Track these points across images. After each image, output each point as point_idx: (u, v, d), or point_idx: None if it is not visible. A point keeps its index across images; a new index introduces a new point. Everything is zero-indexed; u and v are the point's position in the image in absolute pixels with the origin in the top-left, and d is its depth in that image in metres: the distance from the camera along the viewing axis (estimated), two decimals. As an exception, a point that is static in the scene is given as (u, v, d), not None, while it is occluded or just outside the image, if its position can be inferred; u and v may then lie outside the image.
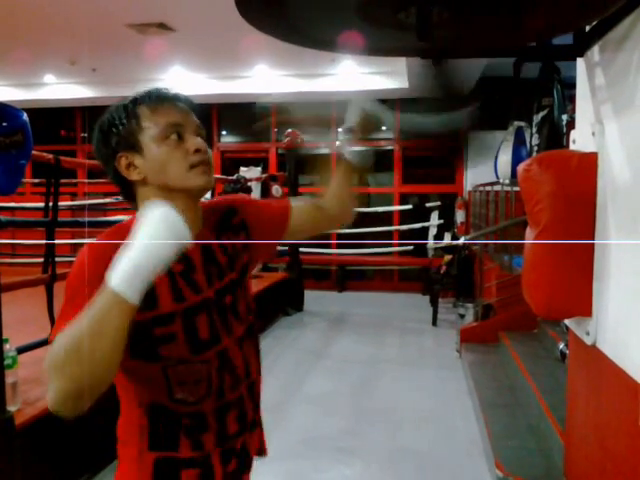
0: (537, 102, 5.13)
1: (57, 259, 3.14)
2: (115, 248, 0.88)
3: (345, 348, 5.54)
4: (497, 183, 6.38)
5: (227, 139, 10.10)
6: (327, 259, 8.98)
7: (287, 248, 7.38)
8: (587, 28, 2.02)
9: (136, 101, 1.11)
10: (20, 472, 2.31)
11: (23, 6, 5.44)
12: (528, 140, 5.70)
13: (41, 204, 3.25)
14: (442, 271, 7.16)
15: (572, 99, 2.60)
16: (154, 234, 0.85)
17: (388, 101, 9.04)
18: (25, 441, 2.38)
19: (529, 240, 2.07)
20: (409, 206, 9.06)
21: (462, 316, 6.78)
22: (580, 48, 2.12)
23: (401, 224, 9.07)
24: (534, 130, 5.17)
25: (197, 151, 1.09)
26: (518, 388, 3.91)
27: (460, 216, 8.47)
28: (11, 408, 2.35)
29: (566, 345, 3.45)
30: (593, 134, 2.01)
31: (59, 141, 10.01)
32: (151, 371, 1.06)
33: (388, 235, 9.15)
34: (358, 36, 1.30)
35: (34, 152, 2.68)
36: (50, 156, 3.00)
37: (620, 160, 1.82)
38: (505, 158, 5.91)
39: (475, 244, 6.48)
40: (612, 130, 1.90)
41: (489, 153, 6.77)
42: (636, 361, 1.62)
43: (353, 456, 3.28)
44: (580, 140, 2.21)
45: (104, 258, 0.91)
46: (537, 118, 5.09)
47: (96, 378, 0.84)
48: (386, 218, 9.15)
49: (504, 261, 5.79)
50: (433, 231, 8.60)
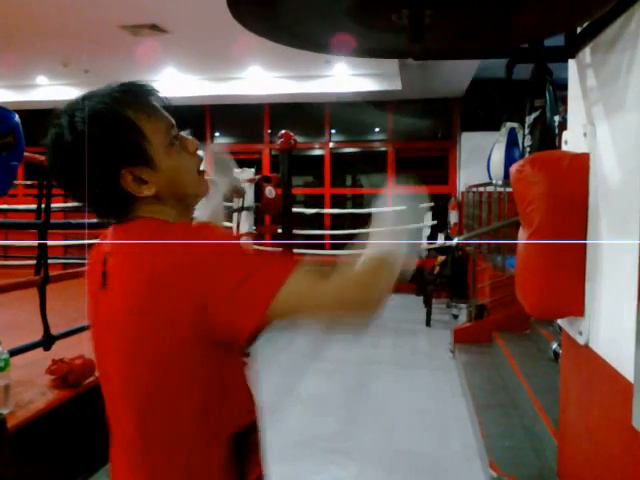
0: (529, 103, 5.15)
1: (50, 261, 3.12)
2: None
3: (339, 349, 5.54)
4: (490, 184, 6.40)
5: (220, 140, 10.10)
6: (321, 260, 8.98)
7: (281, 249, 7.38)
8: (578, 30, 2.03)
9: (120, 102, 0.94)
10: (13, 474, 2.30)
11: (15, 8, 5.42)
12: (520, 141, 5.72)
13: (34, 206, 3.23)
14: (436, 272, 7.18)
15: (564, 100, 2.62)
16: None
17: (381, 103, 9.06)
18: (17, 444, 2.36)
19: (522, 241, 2.08)
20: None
21: (456, 317, 6.80)
22: (572, 49, 2.13)
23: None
24: (526, 131, 5.19)
25: (195, 151, 1.01)
26: (512, 388, 3.92)
27: (453, 217, 8.49)
28: (3, 411, 2.34)
29: (559, 345, 3.46)
30: (585, 135, 2.01)
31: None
32: (241, 383, 1.08)
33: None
34: (350, 38, 1.31)
35: (26, 154, 2.66)
36: (42, 158, 2.98)
37: (611, 161, 1.83)
38: (498, 159, 5.93)
39: (468, 245, 6.49)
40: (603, 131, 1.91)
41: (482, 154, 6.78)
42: (628, 360, 1.62)
43: (347, 458, 3.28)
44: (572, 141, 2.22)
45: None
46: (529, 119, 5.11)
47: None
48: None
49: (497, 262, 5.81)
50: (426, 232, 8.61)
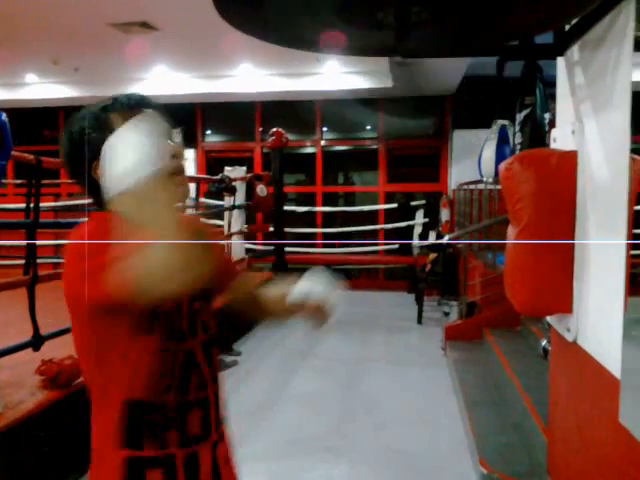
0: (520, 101, 5.16)
1: (39, 261, 3.11)
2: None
3: (331, 347, 5.54)
4: (481, 182, 6.41)
5: (211, 138, 10.06)
6: (313, 258, 8.98)
7: (272, 248, 7.38)
8: (567, 27, 2.04)
9: (106, 109, 1.10)
10: (3, 475, 2.29)
11: (4, 5, 5.38)
12: (511, 138, 5.74)
13: (23, 205, 3.21)
14: (427, 269, 7.19)
15: (555, 98, 2.62)
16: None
17: (372, 100, 9.07)
18: (7, 445, 2.35)
19: (510, 238, 2.09)
20: (394, 205, 9.09)
21: (447, 314, 6.82)
22: (560, 47, 2.14)
23: (386, 223, 9.10)
24: (517, 129, 5.21)
25: (173, 156, 1.05)
26: (502, 385, 3.94)
27: (445, 214, 8.50)
28: (-8, 411, 2.33)
29: (548, 342, 3.48)
30: (573, 132, 2.02)
31: (42, 141, 9.91)
32: (140, 356, 1.08)
33: (373, 234, 9.18)
34: (337, 36, 1.31)
35: (14, 153, 2.65)
36: (31, 157, 2.97)
37: (599, 158, 1.84)
38: (488, 156, 5.94)
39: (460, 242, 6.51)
40: (591, 128, 1.92)
41: (473, 151, 6.80)
42: (615, 357, 1.63)
43: (339, 455, 3.28)
44: (560, 138, 2.23)
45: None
46: (520, 117, 5.12)
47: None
48: (371, 217, 9.18)
49: (488, 259, 5.83)
50: (418, 229, 8.64)
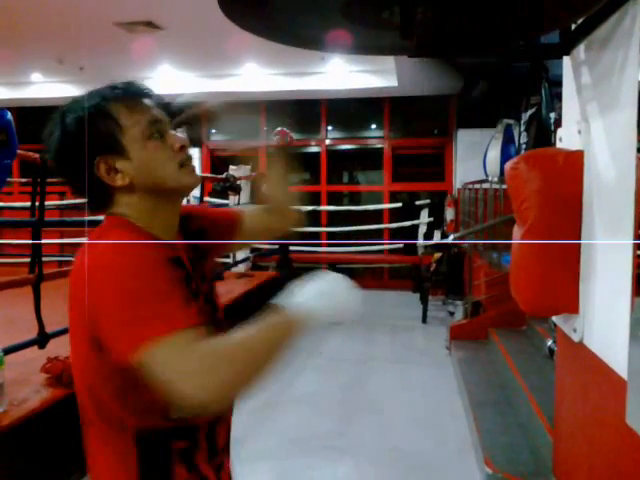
0: (525, 100, 5.15)
1: (44, 259, 3.12)
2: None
3: (335, 346, 5.54)
4: (486, 181, 6.40)
5: (217, 137, 10.07)
6: (317, 257, 8.98)
7: (277, 247, 7.38)
8: (573, 27, 2.03)
9: (107, 98, 1.01)
10: (7, 474, 2.30)
11: (9, 4, 5.40)
12: (517, 138, 5.73)
13: (29, 203, 3.22)
14: (432, 269, 7.18)
15: (560, 97, 2.62)
16: (338, 293, 0.99)
17: (378, 99, 9.05)
18: (12, 443, 2.36)
19: (516, 238, 2.08)
20: (399, 204, 9.08)
21: (452, 313, 6.81)
22: (566, 47, 2.13)
23: (391, 222, 9.08)
24: (522, 128, 5.19)
25: (182, 148, 1.04)
26: (507, 385, 3.93)
27: (450, 214, 8.48)
28: (-3, 410, 2.34)
29: (554, 342, 3.47)
30: (579, 132, 2.01)
31: (47, 140, 9.93)
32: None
33: (378, 233, 9.17)
34: (342, 35, 1.30)
35: (19, 151, 2.66)
36: (36, 155, 2.98)
37: (605, 158, 1.83)
38: (494, 156, 5.93)
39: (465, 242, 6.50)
40: (598, 128, 1.91)
41: (478, 151, 6.79)
42: (622, 358, 1.62)
43: (343, 455, 3.28)
44: (566, 138, 2.22)
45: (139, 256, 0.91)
46: (525, 116, 5.11)
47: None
48: (376, 216, 9.16)
49: (493, 258, 5.82)
50: (423, 229, 8.62)
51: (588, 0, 1.47)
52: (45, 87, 8.85)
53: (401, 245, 8.74)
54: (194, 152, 9.54)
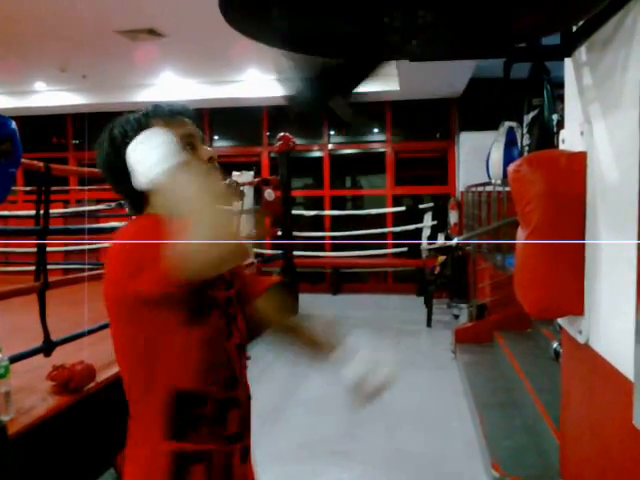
0: (527, 102, 5.15)
1: (49, 267, 3.12)
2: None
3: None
4: (489, 184, 6.40)
5: (219, 144, 10.09)
6: (321, 262, 8.98)
7: (281, 252, 7.38)
8: (574, 28, 2.03)
9: (148, 114, 1.15)
10: (14, 481, 2.30)
11: (13, 14, 5.43)
12: (519, 140, 5.73)
13: (33, 212, 3.23)
14: (436, 272, 7.17)
15: (562, 99, 2.62)
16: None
17: (379, 103, 9.07)
18: (19, 450, 2.36)
19: (520, 241, 2.07)
20: (402, 208, 9.08)
21: (456, 317, 6.79)
22: (567, 48, 2.13)
23: (395, 226, 9.08)
24: (525, 130, 5.19)
25: (210, 159, 1.16)
26: (513, 388, 3.92)
27: (453, 217, 8.49)
28: (4, 417, 2.34)
29: (560, 344, 3.46)
30: (582, 134, 2.01)
31: (51, 148, 9.98)
32: (190, 347, 1.10)
33: (382, 237, 9.16)
34: (344, 40, 1.30)
35: (25, 160, 2.67)
36: (40, 164, 2.99)
37: (609, 159, 1.83)
38: (496, 158, 5.93)
39: (469, 244, 6.49)
40: (600, 129, 1.91)
41: (481, 154, 6.79)
42: (628, 359, 1.62)
43: (350, 459, 3.28)
44: (569, 140, 2.22)
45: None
46: (527, 118, 5.11)
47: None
48: (380, 220, 9.16)
49: (497, 261, 5.81)
50: (427, 232, 8.61)
51: (590, 2, 1.47)
52: (48, 95, 8.89)
53: (405, 249, 8.74)
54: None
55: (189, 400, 1.11)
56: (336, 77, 1.24)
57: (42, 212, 3.00)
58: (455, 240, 6.33)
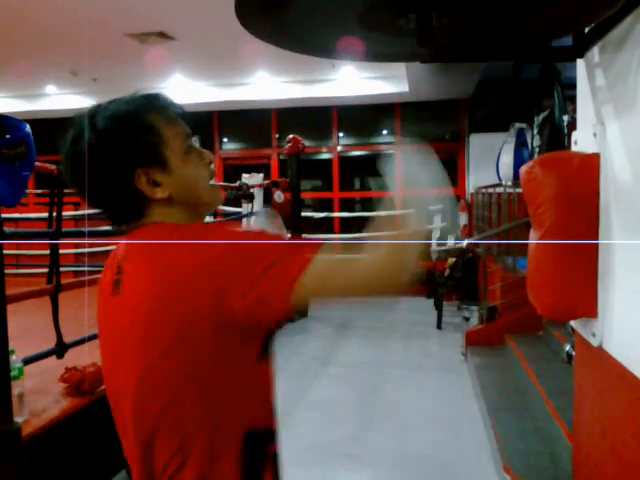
0: (538, 103, 5.14)
1: (61, 269, 3.14)
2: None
3: (350, 353, 5.53)
4: (499, 185, 6.38)
5: (228, 146, 10.12)
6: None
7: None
8: (586, 29, 2.02)
9: (145, 109, 0.99)
10: (27, 483, 2.31)
11: (24, 18, 5.48)
12: (529, 141, 5.71)
13: (44, 214, 3.25)
14: (446, 274, 7.15)
15: (573, 100, 2.60)
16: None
17: (389, 105, 9.05)
18: (32, 452, 2.37)
19: (532, 241, 2.06)
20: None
21: (467, 319, 6.76)
22: (580, 49, 2.12)
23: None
24: (535, 131, 5.18)
25: (209, 163, 1.03)
26: (524, 390, 3.90)
27: (463, 219, 8.46)
28: (18, 419, 2.35)
29: (572, 347, 3.44)
30: (594, 135, 2.00)
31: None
32: (266, 377, 1.03)
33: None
34: (358, 43, 1.31)
35: (37, 163, 2.68)
36: (53, 167, 3.00)
37: (622, 161, 1.81)
38: (507, 160, 5.92)
39: (478, 246, 6.47)
40: (613, 131, 1.90)
41: (491, 155, 6.77)
42: (643, 362, 1.61)
43: (360, 462, 3.27)
44: (582, 141, 2.20)
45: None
46: (538, 119, 5.10)
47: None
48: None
49: (508, 263, 5.78)
50: (437, 234, 8.59)
51: (603, 3, 1.46)
52: (59, 99, 8.96)
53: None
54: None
55: (261, 440, 1.01)
56: None
57: (55, 215, 3.02)
58: (465, 241, 6.30)
